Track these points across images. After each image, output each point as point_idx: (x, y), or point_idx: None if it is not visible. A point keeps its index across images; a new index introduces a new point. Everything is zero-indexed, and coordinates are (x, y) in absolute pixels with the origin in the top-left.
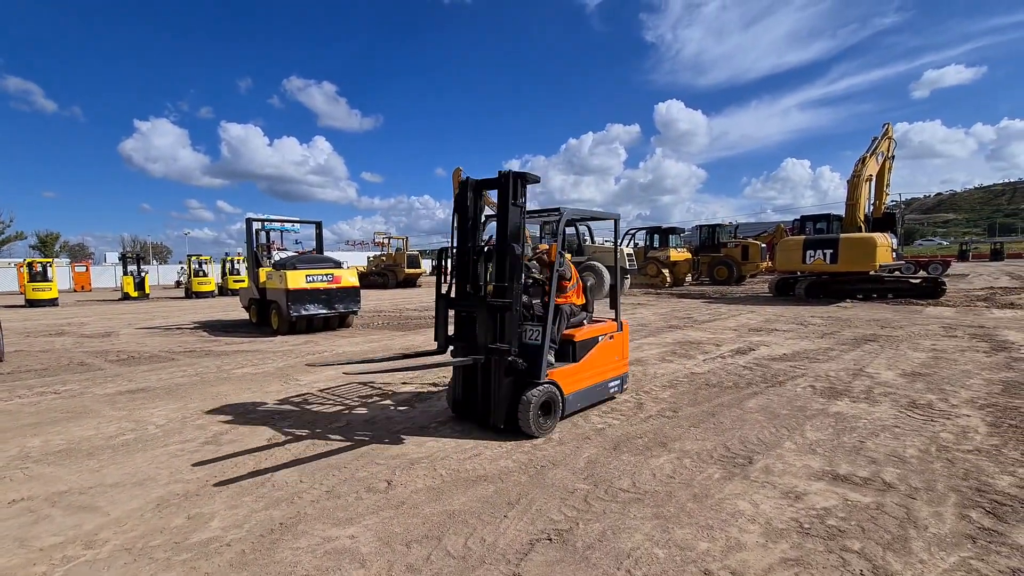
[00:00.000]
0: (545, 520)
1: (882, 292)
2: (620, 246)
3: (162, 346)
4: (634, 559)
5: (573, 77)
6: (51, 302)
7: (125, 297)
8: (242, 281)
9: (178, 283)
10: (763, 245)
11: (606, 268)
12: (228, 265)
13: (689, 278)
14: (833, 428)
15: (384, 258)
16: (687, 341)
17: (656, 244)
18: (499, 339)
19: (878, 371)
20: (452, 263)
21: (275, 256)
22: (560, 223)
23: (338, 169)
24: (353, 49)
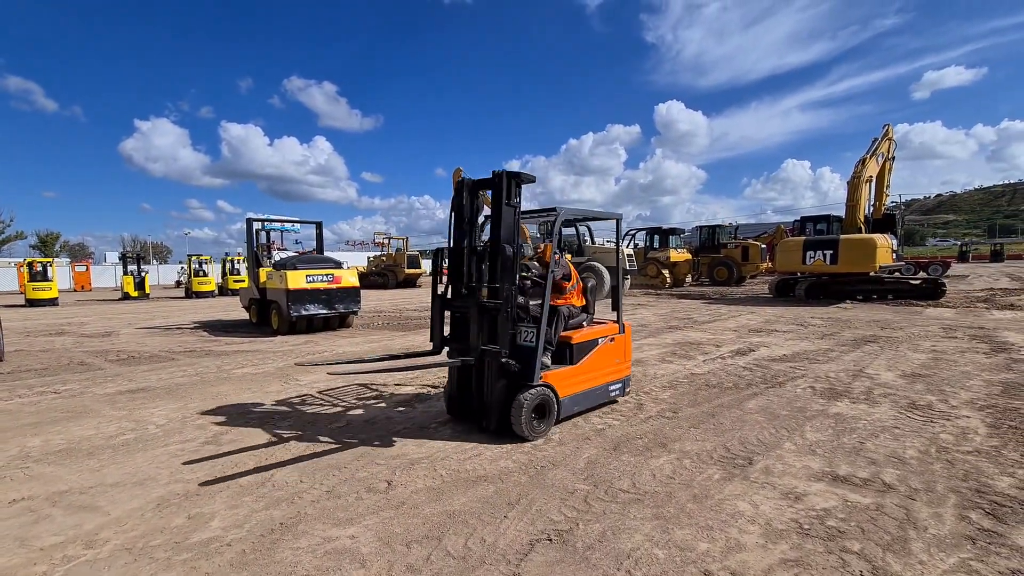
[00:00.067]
0: (545, 520)
1: (882, 293)
2: (621, 246)
3: (162, 346)
4: (634, 559)
5: (573, 77)
6: (51, 302)
7: (125, 297)
8: (242, 281)
9: (178, 283)
10: (763, 246)
11: (607, 269)
12: (228, 265)
13: (689, 279)
14: (833, 429)
15: (384, 258)
16: (687, 342)
17: (656, 245)
18: (492, 340)
19: (878, 372)
20: (448, 264)
21: (275, 256)
22: (556, 223)
23: (338, 169)
24: (354, 49)
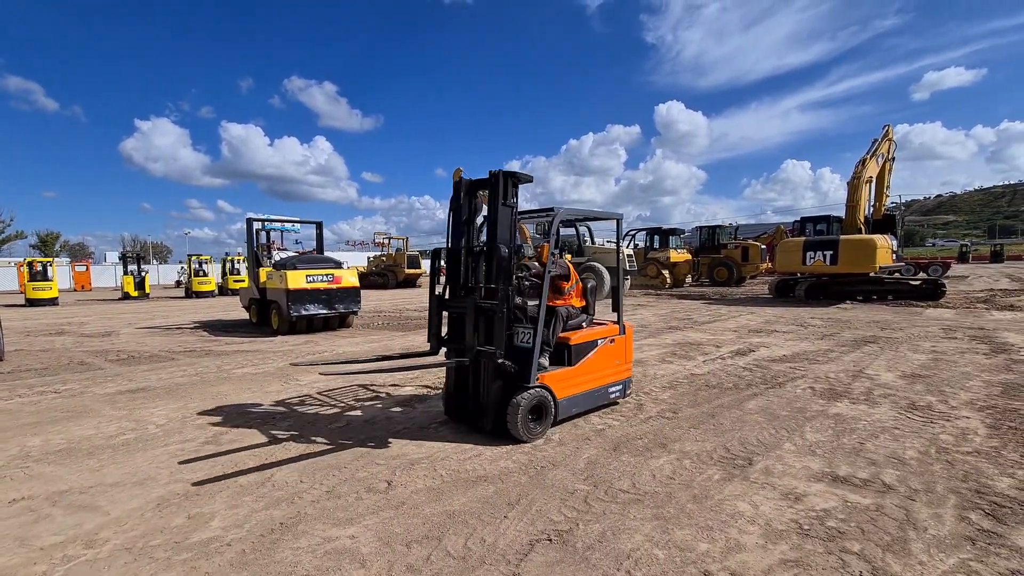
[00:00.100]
0: (545, 521)
1: (882, 294)
2: (621, 247)
3: (162, 346)
4: (634, 560)
5: (573, 77)
6: (51, 301)
7: (125, 297)
8: (242, 281)
9: (178, 283)
10: (763, 246)
11: (607, 269)
12: (228, 265)
13: (689, 279)
14: (833, 429)
15: (384, 258)
16: (687, 342)
17: (656, 245)
18: (488, 341)
19: (878, 373)
20: (445, 264)
21: (275, 256)
22: (553, 223)
23: (338, 169)
24: (354, 49)
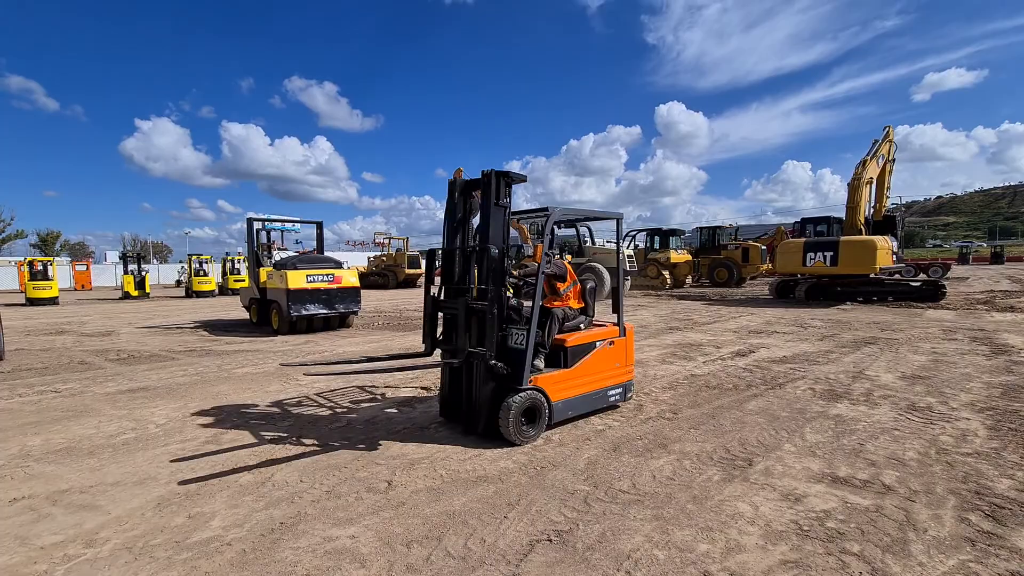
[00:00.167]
0: (545, 521)
1: (882, 295)
2: (621, 247)
3: (162, 345)
4: (634, 560)
5: (574, 78)
6: (51, 301)
7: (125, 296)
8: (242, 281)
9: (178, 282)
10: (763, 247)
11: (607, 270)
12: (229, 265)
13: (689, 280)
14: (833, 430)
15: (384, 258)
16: (687, 343)
17: (656, 246)
18: (481, 342)
19: (878, 374)
20: (440, 265)
21: (276, 256)
22: (547, 223)
23: (339, 169)
24: (355, 49)
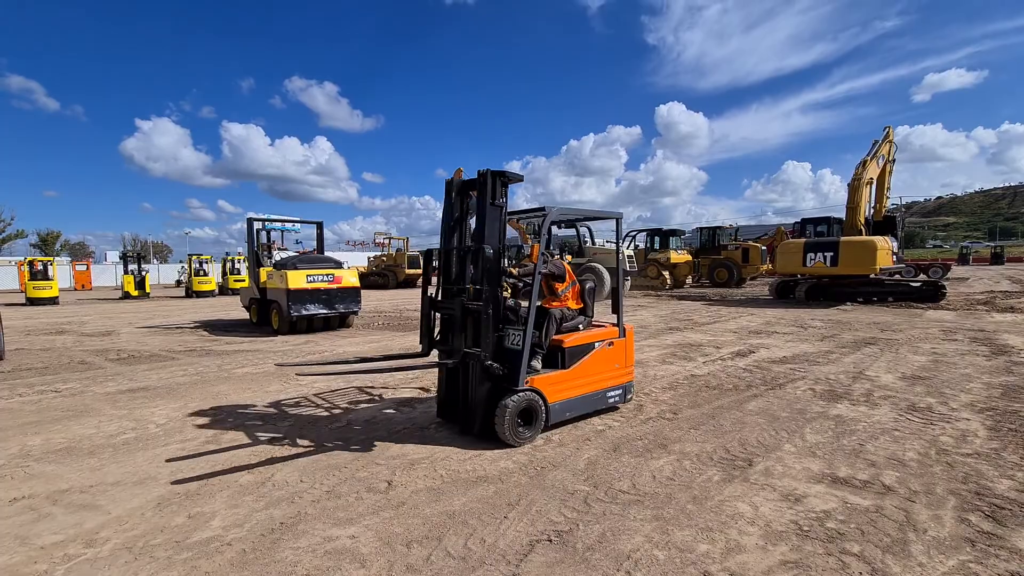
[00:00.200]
0: (545, 521)
1: (882, 295)
2: (621, 247)
3: (162, 345)
4: (634, 561)
5: (574, 78)
6: (52, 300)
7: (125, 296)
8: (243, 281)
9: (179, 282)
10: (763, 248)
11: (607, 270)
12: (229, 264)
13: (689, 280)
14: (833, 431)
15: (385, 258)
16: (687, 343)
17: (656, 246)
18: (477, 343)
19: (878, 374)
20: (437, 265)
21: (276, 256)
22: (544, 223)
23: (339, 169)
24: (355, 49)
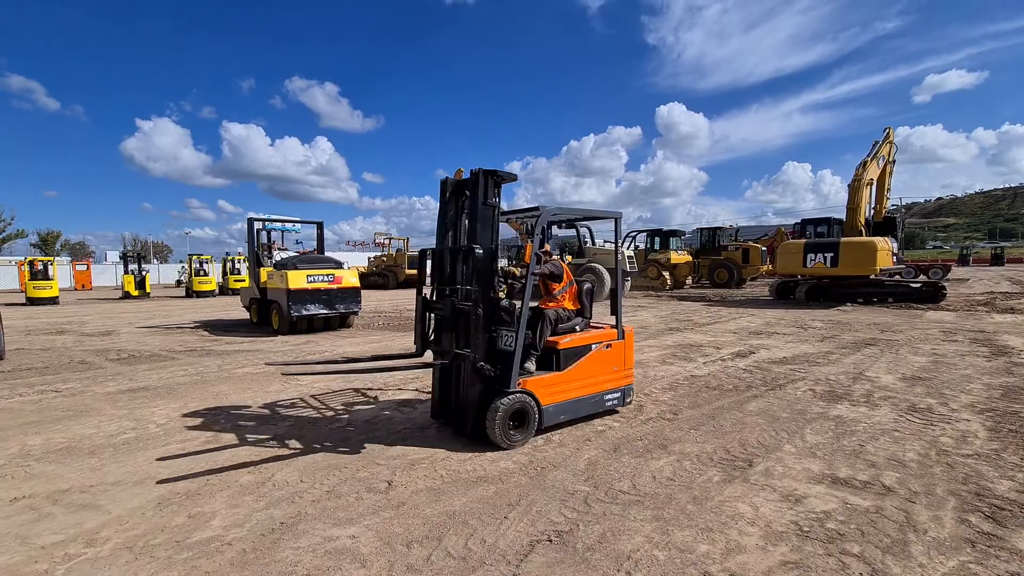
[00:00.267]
0: (545, 521)
1: (882, 296)
2: (620, 248)
3: (163, 345)
4: (634, 561)
5: (574, 79)
6: (52, 300)
7: (126, 296)
8: (243, 281)
9: (179, 282)
10: (764, 248)
11: (607, 271)
12: (229, 265)
13: (689, 281)
14: (833, 432)
15: (385, 259)
16: (687, 344)
17: (657, 247)
18: (468, 344)
19: (878, 375)
20: (431, 265)
21: (276, 256)
22: (538, 222)
23: (339, 169)
24: (355, 49)
